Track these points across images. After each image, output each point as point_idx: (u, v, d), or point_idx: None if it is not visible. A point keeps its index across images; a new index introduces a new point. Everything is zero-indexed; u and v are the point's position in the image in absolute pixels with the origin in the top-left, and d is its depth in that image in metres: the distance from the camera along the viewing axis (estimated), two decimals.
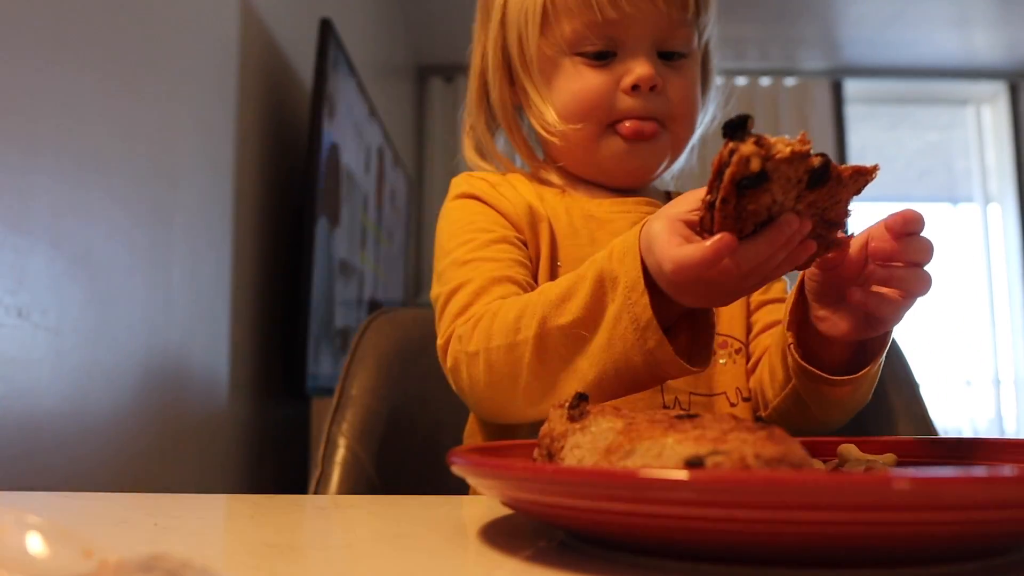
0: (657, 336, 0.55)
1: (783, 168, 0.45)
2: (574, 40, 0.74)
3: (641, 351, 0.56)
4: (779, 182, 0.46)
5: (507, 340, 0.62)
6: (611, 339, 0.57)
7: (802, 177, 0.46)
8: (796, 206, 0.48)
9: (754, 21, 3.36)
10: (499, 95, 0.79)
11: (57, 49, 0.92)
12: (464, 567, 0.36)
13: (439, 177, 3.59)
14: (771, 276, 0.52)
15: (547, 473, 0.34)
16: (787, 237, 0.49)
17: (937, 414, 0.93)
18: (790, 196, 0.47)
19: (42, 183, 0.89)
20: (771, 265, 0.51)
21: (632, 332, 0.56)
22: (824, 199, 0.49)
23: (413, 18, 3.22)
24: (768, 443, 0.34)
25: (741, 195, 0.46)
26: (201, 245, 1.30)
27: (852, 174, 0.48)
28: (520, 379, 0.62)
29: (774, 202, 0.47)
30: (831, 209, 0.50)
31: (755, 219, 0.48)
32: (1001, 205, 3.89)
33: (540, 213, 0.76)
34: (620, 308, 0.57)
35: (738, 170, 0.45)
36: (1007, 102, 3.88)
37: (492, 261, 0.70)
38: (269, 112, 1.62)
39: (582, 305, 0.59)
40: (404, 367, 0.91)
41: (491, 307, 0.66)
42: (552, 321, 0.60)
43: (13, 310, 0.83)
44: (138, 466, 1.10)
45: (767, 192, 0.46)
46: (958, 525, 0.30)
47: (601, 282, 0.58)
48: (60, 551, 0.28)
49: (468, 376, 0.66)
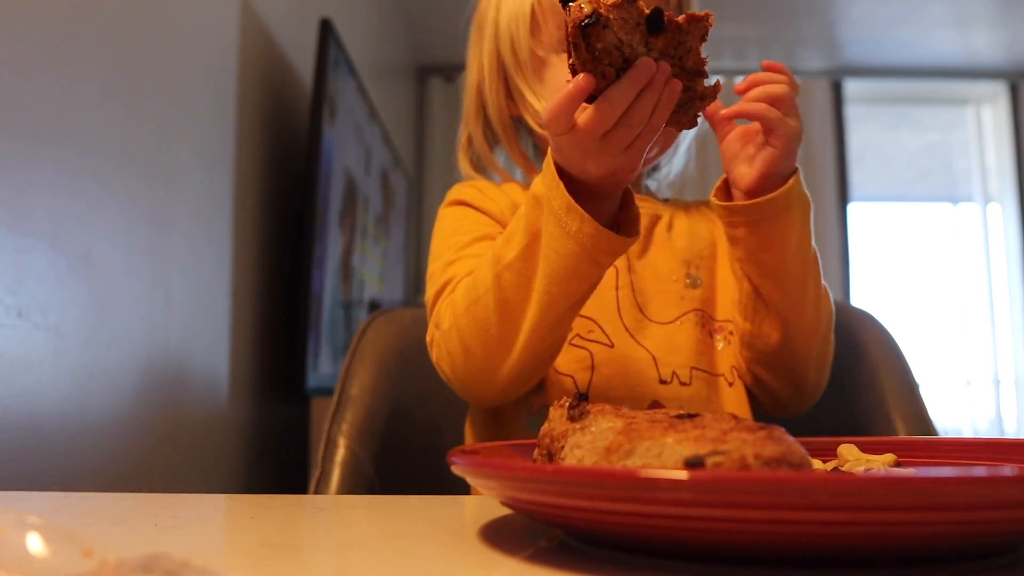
0: (578, 213, 0.59)
1: (615, 12, 0.52)
2: (562, 38, 0.76)
3: (570, 236, 0.60)
4: (617, 23, 0.52)
5: (471, 299, 0.66)
6: (547, 243, 0.61)
7: (639, 20, 0.53)
8: (649, 53, 0.54)
9: (754, 21, 3.35)
10: (496, 105, 0.82)
11: (57, 49, 0.92)
12: (464, 567, 0.36)
13: (439, 177, 3.59)
14: (654, 124, 0.56)
15: (547, 473, 0.34)
16: (647, 74, 0.54)
17: (937, 414, 0.94)
18: (636, 39, 0.54)
19: (42, 183, 0.89)
20: (646, 108, 0.55)
21: (557, 226, 0.60)
22: (673, 46, 0.55)
23: (413, 18, 3.22)
24: (768, 443, 0.34)
25: (586, 36, 0.52)
26: (201, 245, 1.30)
27: (688, 19, 0.54)
28: (490, 329, 0.65)
29: (621, 42, 0.53)
30: (686, 57, 0.56)
31: (610, 60, 0.54)
32: (1001, 205, 3.89)
33: None
34: (548, 214, 0.61)
35: (576, 15, 0.52)
36: (1007, 102, 3.87)
37: (473, 258, 0.73)
38: (269, 112, 1.62)
39: (524, 233, 0.63)
40: (404, 367, 0.91)
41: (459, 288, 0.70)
42: (503, 260, 0.64)
43: (13, 310, 0.83)
44: (138, 466, 1.10)
45: (608, 30, 0.52)
46: (958, 525, 0.30)
47: (533, 204, 0.63)
48: (60, 551, 0.28)
49: (448, 354, 0.69)
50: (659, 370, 0.74)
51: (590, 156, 0.58)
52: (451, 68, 3.65)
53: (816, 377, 0.76)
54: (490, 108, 0.83)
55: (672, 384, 0.74)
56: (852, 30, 3.50)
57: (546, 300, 0.62)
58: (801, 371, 0.74)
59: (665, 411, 0.42)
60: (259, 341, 1.56)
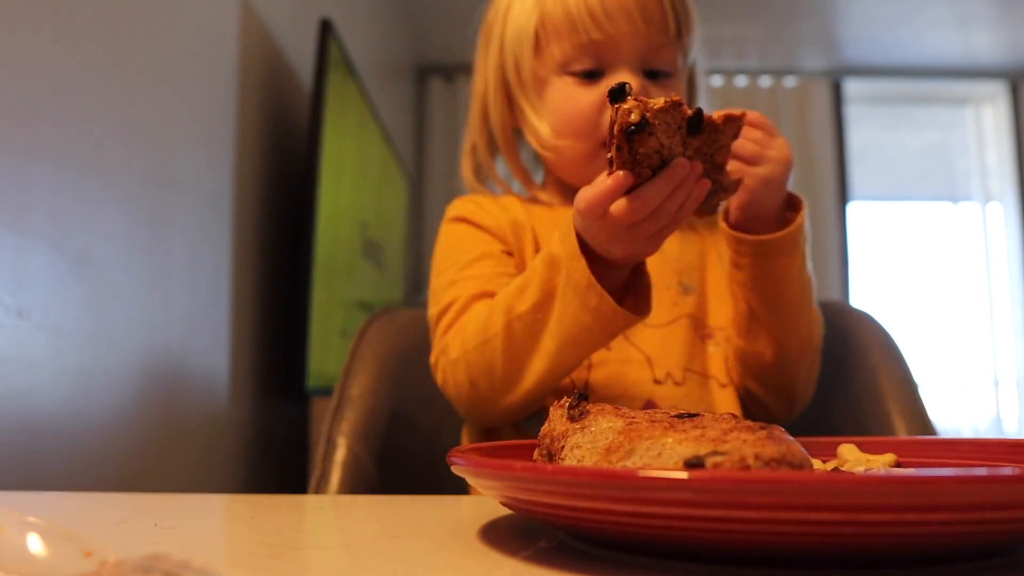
0: (598, 292, 0.63)
1: (661, 116, 0.54)
2: (564, 61, 0.79)
3: (588, 310, 0.64)
4: (661, 128, 0.54)
5: (481, 339, 0.70)
6: (563, 310, 0.65)
7: (681, 124, 0.55)
8: (685, 152, 0.57)
9: (754, 21, 3.36)
10: (498, 116, 0.84)
11: (57, 49, 0.92)
12: (464, 567, 0.36)
13: (439, 177, 3.59)
14: (679, 217, 0.60)
15: (547, 473, 0.34)
16: (681, 176, 0.57)
17: (937, 414, 0.94)
18: (675, 141, 0.56)
19: (42, 183, 0.89)
20: (675, 203, 0.59)
21: (575, 297, 0.64)
22: (707, 144, 0.58)
23: (413, 18, 3.22)
24: (768, 443, 0.34)
25: (631, 140, 0.54)
26: (201, 245, 1.30)
27: (725, 119, 0.57)
28: (496, 370, 0.69)
29: (662, 146, 0.55)
30: (717, 154, 0.59)
31: (649, 163, 0.56)
32: (1001, 204, 3.89)
33: (523, 223, 0.82)
34: (565, 281, 0.65)
35: (623, 120, 0.53)
36: (1007, 102, 3.88)
37: (474, 279, 0.76)
38: (269, 112, 1.62)
39: (536, 289, 0.67)
40: (404, 367, 0.91)
41: (467, 315, 0.73)
42: (515, 310, 0.68)
43: (13, 310, 0.83)
44: (138, 466, 1.10)
45: (652, 136, 0.54)
46: (958, 525, 0.30)
47: (549, 264, 0.66)
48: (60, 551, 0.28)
49: (454, 382, 0.73)
50: (653, 370, 0.76)
51: (616, 241, 0.61)
52: (451, 68, 3.65)
53: (804, 390, 0.79)
54: (492, 118, 0.84)
55: (666, 384, 0.76)
56: (852, 30, 3.50)
57: (556, 359, 0.67)
58: (791, 385, 0.77)
59: (665, 411, 0.42)
60: (259, 341, 1.56)
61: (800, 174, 3.66)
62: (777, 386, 0.77)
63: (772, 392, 0.78)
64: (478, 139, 0.86)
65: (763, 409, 0.79)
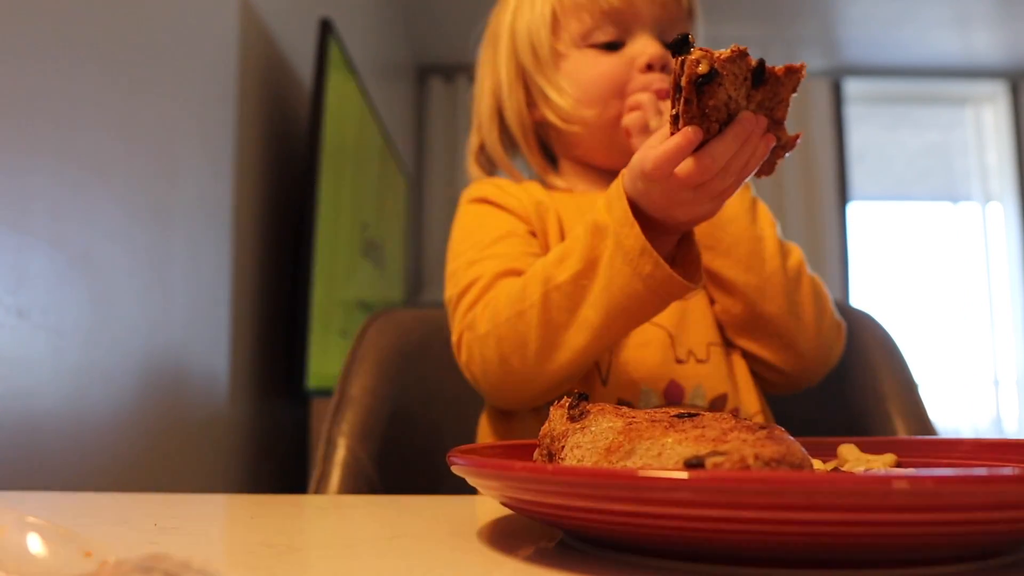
0: (652, 258, 0.60)
1: (728, 66, 0.52)
2: (584, 32, 0.79)
3: (640, 278, 0.60)
4: (728, 78, 0.52)
5: (514, 311, 0.66)
6: (610, 278, 0.62)
7: (746, 75, 0.53)
8: (748, 106, 0.55)
9: (754, 21, 3.35)
10: (516, 111, 0.83)
11: (57, 49, 0.92)
12: (464, 567, 0.36)
13: (439, 177, 3.59)
14: (743, 172, 0.57)
15: (547, 473, 0.34)
16: (748, 130, 0.55)
17: (937, 414, 0.94)
18: (741, 93, 0.54)
19: (42, 183, 0.89)
20: (741, 160, 0.56)
21: (626, 264, 0.61)
22: (769, 97, 0.56)
23: (413, 18, 3.22)
24: (768, 443, 0.34)
25: (700, 93, 0.52)
26: (201, 245, 1.30)
27: (785, 72, 0.55)
28: (529, 344, 0.66)
29: (729, 98, 0.54)
30: (776, 108, 0.57)
31: (717, 116, 0.54)
32: (1001, 204, 3.89)
33: (547, 205, 0.80)
34: (613, 249, 0.61)
35: (691, 71, 0.51)
36: (1007, 102, 3.88)
37: (498, 257, 0.73)
38: (269, 112, 1.62)
39: (579, 258, 0.63)
40: (404, 367, 0.91)
41: (496, 291, 0.70)
42: (553, 280, 0.64)
43: (13, 310, 0.83)
44: (138, 466, 1.10)
45: (721, 87, 0.52)
46: (958, 525, 0.30)
47: (593, 232, 0.63)
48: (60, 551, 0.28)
49: (481, 359, 0.69)
50: (675, 349, 0.74)
51: (679, 205, 0.59)
52: (451, 68, 3.65)
53: (812, 345, 0.74)
54: (508, 114, 0.84)
55: (689, 363, 0.74)
56: (852, 30, 3.50)
57: (600, 332, 0.64)
58: (784, 334, 0.73)
59: (665, 411, 0.42)
60: (259, 341, 1.56)
61: (800, 174, 3.66)
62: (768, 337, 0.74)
63: (768, 347, 0.74)
64: (489, 136, 0.85)
65: (769, 369, 0.76)
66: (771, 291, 0.72)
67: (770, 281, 0.72)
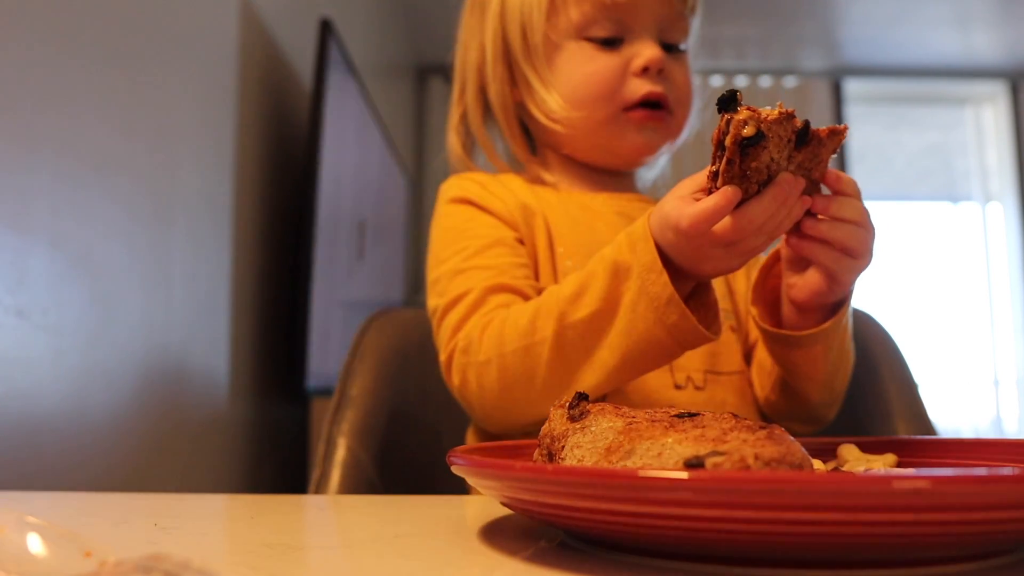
0: (679, 309, 0.58)
1: (775, 128, 0.51)
2: (583, 24, 0.75)
3: (664, 326, 0.59)
4: (774, 141, 0.51)
5: (522, 343, 0.64)
6: (631, 323, 0.60)
7: (791, 137, 0.52)
8: (789, 166, 0.54)
9: (754, 21, 3.35)
10: (498, 89, 0.79)
11: (57, 49, 0.92)
12: (464, 567, 0.36)
13: (439, 177, 3.55)
14: (776, 232, 0.56)
15: (547, 473, 0.34)
16: (787, 193, 0.54)
17: (937, 414, 0.94)
18: (783, 155, 0.53)
19: (42, 183, 0.89)
20: (776, 220, 0.55)
21: (651, 311, 0.59)
22: (809, 159, 0.55)
23: (413, 18, 3.21)
24: (768, 443, 0.34)
25: (744, 155, 0.51)
26: (201, 245, 1.30)
27: (828, 133, 0.54)
28: (537, 379, 0.64)
29: (772, 160, 0.52)
30: (815, 168, 0.56)
31: (758, 178, 0.53)
32: (1001, 204, 3.89)
33: (534, 208, 0.76)
34: (636, 293, 0.59)
35: (738, 132, 0.50)
36: (1007, 102, 3.87)
37: (487, 269, 0.70)
38: (269, 112, 1.62)
39: (598, 297, 0.61)
40: (404, 367, 0.90)
41: (498, 315, 0.67)
42: (569, 317, 0.62)
43: (13, 310, 0.83)
44: (138, 466, 1.10)
45: (765, 150, 0.51)
46: (958, 525, 0.30)
47: (614, 273, 0.61)
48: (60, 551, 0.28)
49: (478, 386, 0.66)
50: (673, 375, 0.72)
51: (709, 260, 0.57)
52: (451, 68, 3.64)
53: (827, 412, 0.74)
54: (491, 92, 0.79)
55: (687, 389, 0.72)
56: (852, 30, 3.50)
57: (613, 372, 0.62)
58: (815, 415, 0.74)
59: (665, 410, 0.42)
60: (259, 341, 1.56)
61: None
62: (798, 418, 0.74)
63: (795, 420, 0.74)
64: (472, 109, 0.81)
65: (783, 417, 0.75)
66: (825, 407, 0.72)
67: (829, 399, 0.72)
